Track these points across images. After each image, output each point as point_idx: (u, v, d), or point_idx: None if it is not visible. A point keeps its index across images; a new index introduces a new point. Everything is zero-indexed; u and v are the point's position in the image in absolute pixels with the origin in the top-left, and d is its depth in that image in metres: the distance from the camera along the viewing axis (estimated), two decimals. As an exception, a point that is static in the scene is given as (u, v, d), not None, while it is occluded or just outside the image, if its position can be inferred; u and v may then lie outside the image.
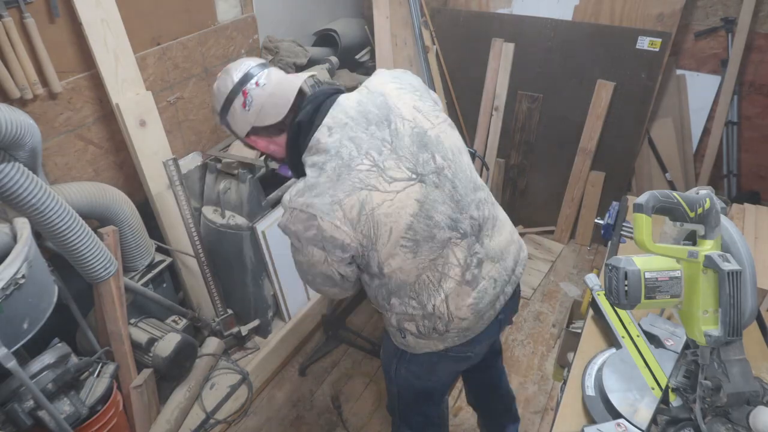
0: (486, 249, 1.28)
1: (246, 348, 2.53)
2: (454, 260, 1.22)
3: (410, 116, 1.21)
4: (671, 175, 3.11)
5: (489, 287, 1.29)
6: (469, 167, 1.28)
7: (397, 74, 1.33)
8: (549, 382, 2.38)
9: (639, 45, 2.72)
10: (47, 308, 1.52)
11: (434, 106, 1.29)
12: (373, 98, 1.25)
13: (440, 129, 1.25)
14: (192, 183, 2.39)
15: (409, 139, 1.18)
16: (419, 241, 1.17)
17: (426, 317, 1.26)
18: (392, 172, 1.14)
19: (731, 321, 0.94)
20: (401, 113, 1.21)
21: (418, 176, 1.17)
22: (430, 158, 1.19)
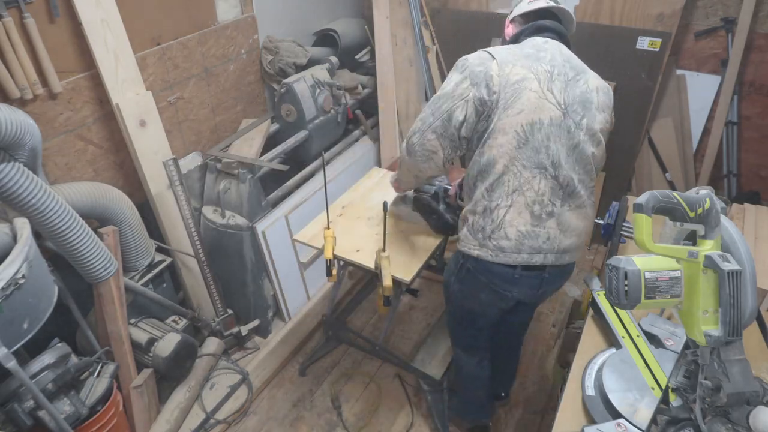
0: (560, 212, 1.45)
1: (246, 348, 2.53)
2: (536, 187, 1.41)
3: (593, 86, 1.47)
4: (671, 175, 3.11)
5: (541, 236, 1.44)
6: (593, 158, 1.48)
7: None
8: (549, 382, 2.38)
9: (639, 45, 2.72)
10: (47, 308, 1.52)
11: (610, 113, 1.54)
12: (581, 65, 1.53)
13: (600, 116, 1.47)
14: (192, 183, 2.39)
15: (579, 92, 1.43)
16: (529, 141, 1.38)
17: (484, 214, 1.45)
18: (554, 88, 1.40)
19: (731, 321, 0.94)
20: (589, 80, 1.48)
21: (564, 111, 1.40)
22: (578, 113, 1.42)
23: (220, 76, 2.51)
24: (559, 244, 1.46)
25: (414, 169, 1.58)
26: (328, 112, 2.76)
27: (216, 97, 2.53)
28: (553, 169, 1.40)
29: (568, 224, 1.46)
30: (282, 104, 2.61)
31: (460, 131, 1.43)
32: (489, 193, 1.43)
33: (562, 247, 1.47)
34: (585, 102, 1.44)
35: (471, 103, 1.39)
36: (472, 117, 1.40)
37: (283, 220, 2.49)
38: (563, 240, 1.47)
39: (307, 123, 2.64)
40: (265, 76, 2.77)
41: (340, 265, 2.08)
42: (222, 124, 2.62)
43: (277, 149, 2.51)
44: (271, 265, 2.47)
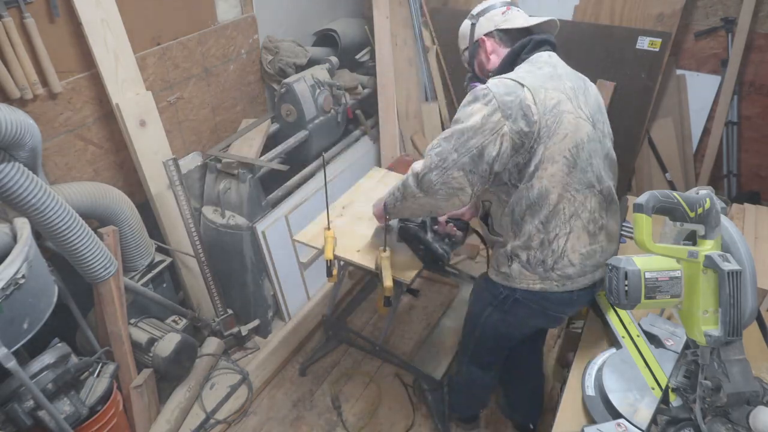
0: (607, 221, 1.43)
1: (246, 348, 2.53)
2: (588, 206, 1.37)
3: (595, 90, 1.48)
4: (671, 175, 3.11)
5: (598, 251, 1.41)
6: (614, 157, 1.48)
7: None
8: (549, 382, 2.38)
9: (639, 45, 2.72)
10: (47, 308, 1.52)
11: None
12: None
13: (607, 119, 1.48)
14: (192, 183, 2.39)
15: (593, 100, 1.43)
16: (577, 164, 1.33)
17: (543, 247, 1.38)
18: (581, 104, 1.37)
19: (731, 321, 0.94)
20: (589, 85, 1.48)
21: (593, 124, 1.37)
22: (601, 121, 1.42)
23: (220, 76, 2.51)
24: (609, 252, 1.45)
25: (430, 206, 1.46)
26: (328, 112, 2.76)
27: (216, 97, 2.53)
28: (598, 184, 1.37)
29: (612, 231, 1.46)
30: (282, 104, 2.61)
31: (493, 166, 1.32)
32: (545, 225, 1.36)
33: (611, 254, 1.47)
34: (599, 108, 1.44)
35: (507, 137, 1.28)
36: (507, 151, 1.30)
37: (283, 220, 2.49)
38: (611, 247, 1.46)
39: (307, 123, 2.64)
40: (265, 76, 2.77)
41: (341, 265, 2.09)
42: (222, 124, 2.62)
43: (277, 149, 2.51)
44: (271, 265, 2.47)
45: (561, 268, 1.39)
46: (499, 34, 1.49)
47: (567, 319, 1.63)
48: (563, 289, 1.41)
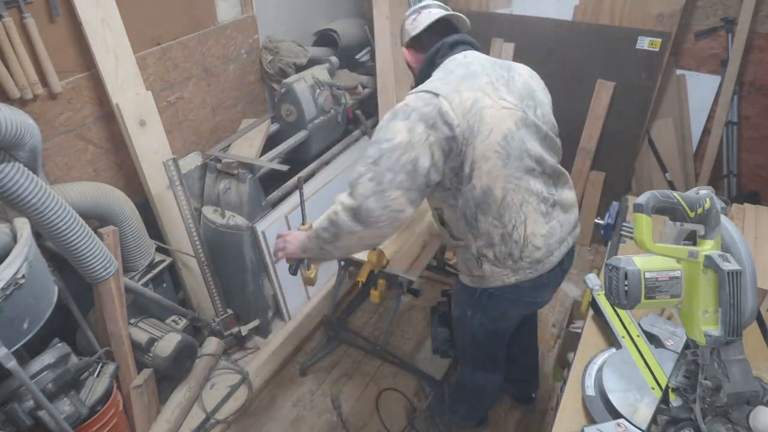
0: (558, 196, 1.47)
1: (246, 348, 2.53)
2: (534, 189, 1.40)
3: (526, 75, 1.48)
4: (671, 175, 3.11)
5: (557, 228, 1.46)
6: (556, 136, 1.51)
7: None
8: (549, 382, 2.38)
9: (639, 45, 2.72)
10: (47, 308, 1.52)
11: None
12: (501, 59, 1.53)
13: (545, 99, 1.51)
14: (192, 183, 2.39)
15: (521, 86, 1.43)
16: (510, 155, 1.34)
17: (504, 240, 1.41)
18: (503, 94, 1.37)
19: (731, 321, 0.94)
20: (520, 71, 1.48)
21: (521, 110, 1.38)
22: (532, 107, 1.42)
23: (220, 76, 2.51)
24: (568, 224, 1.51)
25: (371, 238, 1.41)
26: (328, 112, 2.76)
27: (216, 97, 2.53)
28: (539, 167, 1.41)
29: (566, 201, 1.51)
30: (282, 104, 2.61)
31: (429, 178, 1.32)
32: (498, 219, 1.39)
33: (572, 225, 1.53)
34: (530, 92, 1.44)
35: (436, 145, 1.29)
36: (440, 159, 1.31)
37: (283, 220, 2.49)
38: (570, 217, 1.52)
39: (307, 123, 2.64)
40: (265, 76, 2.77)
41: (341, 265, 2.09)
42: (222, 124, 2.62)
43: (277, 149, 2.51)
44: (271, 265, 2.47)
45: (529, 255, 1.43)
46: (412, 42, 1.53)
47: (543, 304, 1.68)
48: (537, 275, 1.46)
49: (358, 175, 1.31)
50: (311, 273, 1.82)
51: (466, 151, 1.31)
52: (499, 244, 1.41)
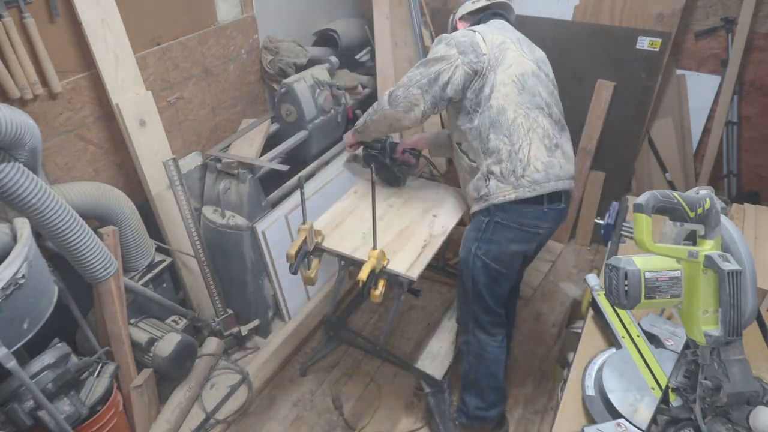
0: (561, 141, 1.76)
1: (246, 348, 2.53)
2: (542, 123, 1.70)
3: (542, 52, 1.90)
4: (671, 175, 3.11)
5: (557, 165, 1.71)
6: (560, 99, 1.86)
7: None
8: (549, 382, 2.38)
9: (639, 45, 2.72)
10: (47, 308, 1.52)
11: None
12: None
13: (552, 76, 1.88)
14: (192, 183, 2.39)
15: (538, 54, 1.85)
16: (525, 88, 1.69)
17: (510, 158, 1.68)
18: (524, 50, 1.77)
19: (731, 321, 0.94)
20: (538, 50, 1.89)
21: (537, 65, 1.77)
22: (545, 69, 1.82)
23: (220, 76, 2.51)
24: (567, 170, 1.75)
25: (392, 118, 1.80)
26: (328, 112, 2.76)
27: (216, 97, 2.53)
28: (547, 109, 1.72)
29: (567, 152, 1.78)
30: (282, 104, 2.61)
31: (445, 91, 1.68)
32: (508, 137, 1.67)
33: (570, 173, 1.76)
34: (544, 61, 1.86)
35: (460, 68, 1.66)
36: (459, 79, 1.67)
37: (283, 220, 2.49)
38: (568, 166, 1.76)
39: (307, 123, 2.64)
40: (265, 76, 2.77)
41: (341, 264, 2.09)
42: (222, 124, 2.62)
43: (277, 149, 2.51)
44: (271, 265, 2.47)
45: (529, 174, 1.67)
46: (467, 16, 1.97)
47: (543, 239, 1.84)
48: (534, 194, 1.68)
49: (406, 74, 1.75)
50: (311, 272, 1.83)
51: (488, 75, 1.68)
52: (506, 160, 1.68)
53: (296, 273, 1.79)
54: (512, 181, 1.69)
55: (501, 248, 1.78)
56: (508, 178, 1.69)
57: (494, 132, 1.68)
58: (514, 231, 1.75)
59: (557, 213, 1.78)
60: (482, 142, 1.72)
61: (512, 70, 1.68)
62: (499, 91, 1.67)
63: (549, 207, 1.73)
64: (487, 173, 1.73)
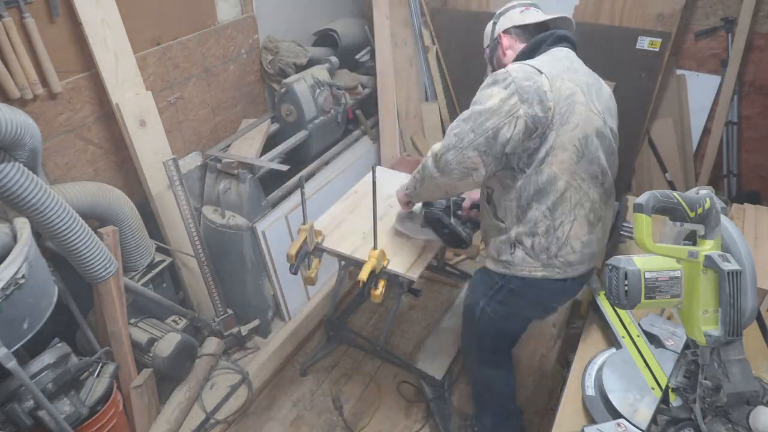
0: (604, 214, 1.51)
1: (246, 348, 2.53)
2: (591, 196, 1.43)
3: (610, 92, 1.54)
4: (671, 175, 3.11)
5: (594, 241, 1.49)
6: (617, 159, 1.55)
7: None
8: (549, 382, 2.38)
9: (639, 45, 2.72)
10: (47, 308, 1.52)
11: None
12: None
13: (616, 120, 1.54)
14: (192, 183, 2.39)
15: (606, 99, 1.49)
16: (585, 154, 1.38)
17: (548, 234, 1.43)
18: (593, 99, 1.42)
19: (731, 321, 0.94)
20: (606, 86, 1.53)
21: (603, 120, 1.43)
22: (610, 122, 1.47)
23: (220, 76, 2.51)
24: (603, 245, 1.55)
25: (447, 186, 1.53)
26: (328, 112, 2.76)
27: (216, 97, 2.53)
28: (602, 177, 1.44)
29: (607, 224, 1.55)
30: (282, 104, 2.61)
31: (506, 148, 1.37)
32: (551, 212, 1.41)
33: (603, 245, 1.57)
34: (610, 109, 1.50)
35: (522, 120, 1.32)
36: (520, 135, 1.34)
37: (283, 220, 2.49)
38: (604, 238, 1.56)
39: (307, 123, 2.64)
40: (265, 76, 2.77)
41: (341, 264, 2.09)
42: (222, 124, 2.62)
43: (277, 149, 2.51)
44: (271, 265, 2.47)
45: (564, 255, 1.44)
46: (516, 30, 1.56)
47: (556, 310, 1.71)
48: (564, 276, 1.47)
49: (450, 128, 1.44)
50: (312, 272, 1.83)
51: (549, 135, 1.35)
52: (542, 235, 1.44)
53: (296, 273, 1.79)
54: (543, 259, 1.46)
55: (512, 312, 1.63)
56: (539, 254, 1.46)
57: (537, 201, 1.41)
58: (529, 301, 1.57)
59: (580, 285, 1.60)
60: (520, 206, 1.45)
61: (576, 131, 1.36)
62: (556, 156, 1.36)
63: (572, 282, 1.52)
64: (515, 241, 1.48)
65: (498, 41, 1.59)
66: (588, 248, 1.47)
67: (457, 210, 1.84)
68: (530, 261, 1.47)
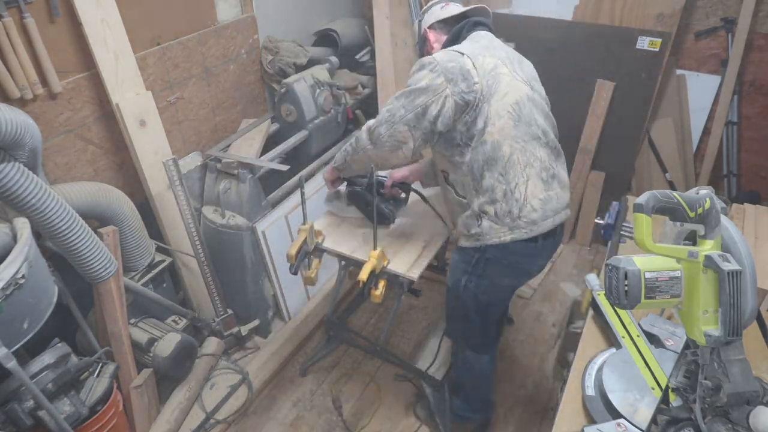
0: (557, 171, 1.60)
1: (246, 348, 2.53)
2: (538, 155, 1.53)
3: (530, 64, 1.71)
4: (671, 175, 3.11)
5: (554, 198, 1.57)
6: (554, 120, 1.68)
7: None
8: (549, 382, 2.38)
9: (639, 45, 2.72)
10: (47, 308, 1.52)
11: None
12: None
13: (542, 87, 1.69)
14: (192, 183, 2.39)
15: (528, 70, 1.66)
16: (521, 118, 1.51)
17: (506, 197, 1.52)
18: (516, 69, 1.57)
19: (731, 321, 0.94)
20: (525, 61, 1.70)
21: (530, 87, 1.58)
22: (537, 88, 1.63)
23: (220, 76, 2.51)
24: (563, 200, 1.61)
25: (377, 158, 1.64)
26: (328, 112, 2.76)
27: (216, 97, 2.53)
28: (544, 137, 1.56)
29: (563, 180, 1.63)
30: (282, 104, 2.61)
31: (435, 125, 1.49)
32: (503, 176, 1.51)
33: (565, 202, 1.63)
34: (535, 76, 1.67)
35: (449, 99, 1.46)
36: (449, 111, 1.47)
37: (283, 220, 2.49)
38: (564, 195, 1.62)
39: (307, 123, 2.64)
40: (265, 76, 2.77)
41: (341, 264, 2.09)
42: (222, 124, 2.62)
43: (277, 149, 2.51)
44: (271, 265, 2.47)
45: (526, 215, 1.53)
46: (438, 24, 1.72)
47: (536, 272, 1.75)
48: (531, 235, 1.55)
49: (385, 105, 1.56)
50: (311, 272, 1.83)
51: (482, 107, 1.47)
52: (501, 200, 1.52)
53: (296, 273, 1.79)
54: (508, 222, 1.54)
55: (492, 283, 1.68)
56: (503, 219, 1.54)
57: (488, 170, 1.51)
58: (506, 268, 1.64)
59: (552, 246, 1.68)
60: (474, 179, 1.55)
61: (507, 99, 1.49)
62: (494, 124, 1.48)
63: (544, 242, 1.61)
64: (479, 212, 1.57)
65: (425, 37, 1.75)
66: (549, 204, 1.55)
67: (380, 189, 1.91)
68: (497, 227, 1.55)
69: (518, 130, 1.50)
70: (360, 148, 1.66)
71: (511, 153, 1.50)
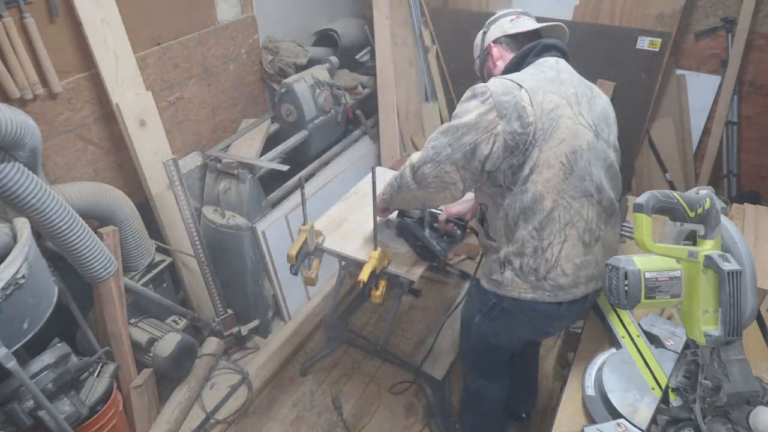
0: (604, 234, 1.38)
1: (246, 348, 2.53)
2: (585, 215, 1.33)
3: (605, 100, 1.48)
4: (671, 175, 3.11)
5: (592, 264, 1.37)
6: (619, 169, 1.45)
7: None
8: (549, 382, 2.38)
9: (639, 45, 2.72)
10: (47, 308, 1.52)
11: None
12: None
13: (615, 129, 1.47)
14: (192, 183, 2.39)
15: (600, 110, 1.40)
16: (574, 171, 1.30)
17: (536, 255, 1.34)
18: (583, 111, 1.34)
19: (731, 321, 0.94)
20: (601, 94, 1.47)
21: (595, 132, 1.35)
22: (605, 133, 1.39)
23: (220, 76, 2.51)
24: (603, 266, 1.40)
25: (424, 198, 1.48)
26: (328, 112, 2.76)
27: (216, 97, 2.53)
28: (597, 194, 1.34)
29: (610, 244, 1.42)
30: (282, 104, 2.61)
31: (484, 165, 1.31)
32: (539, 231, 1.33)
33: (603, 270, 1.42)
34: (606, 118, 1.42)
35: (500, 137, 1.27)
36: (499, 151, 1.28)
37: (283, 220, 2.49)
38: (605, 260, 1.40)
39: (307, 123, 2.64)
40: (265, 76, 2.77)
41: (341, 264, 2.09)
42: (222, 124, 2.62)
43: (277, 149, 2.51)
44: (271, 265, 2.47)
45: (554, 278, 1.35)
46: (506, 40, 1.50)
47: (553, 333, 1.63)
48: (555, 300, 1.38)
49: (429, 139, 1.39)
50: (312, 273, 1.83)
51: (531, 151, 1.28)
52: (530, 256, 1.35)
53: (297, 274, 1.79)
54: (531, 281, 1.37)
55: (505, 330, 1.56)
56: (527, 275, 1.37)
57: (524, 221, 1.33)
58: (522, 322, 1.48)
59: (577, 311, 1.48)
60: (507, 226, 1.38)
61: (562, 147, 1.28)
62: (541, 174, 1.28)
63: (569, 307, 1.41)
64: (504, 261, 1.41)
65: (488, 52, 1.53)
66: (584, 270, 1.36)
67: (433, 222, 1.77)
68: (519, 282, 1.39)
69: (567, 184, 1.30)
70: (404, 186, 1.48)
71: (553, 208, 1.31)
